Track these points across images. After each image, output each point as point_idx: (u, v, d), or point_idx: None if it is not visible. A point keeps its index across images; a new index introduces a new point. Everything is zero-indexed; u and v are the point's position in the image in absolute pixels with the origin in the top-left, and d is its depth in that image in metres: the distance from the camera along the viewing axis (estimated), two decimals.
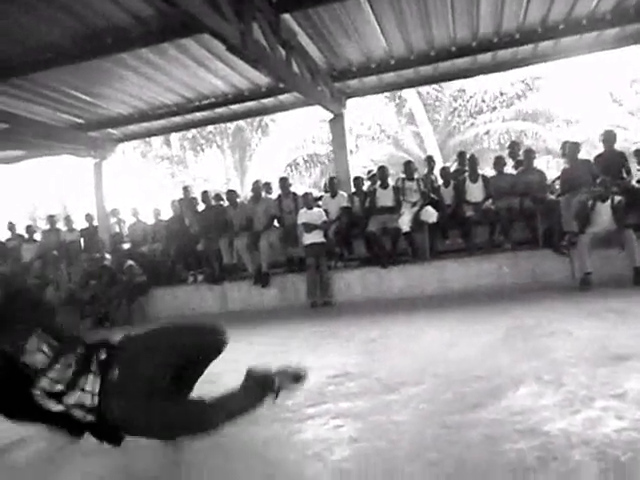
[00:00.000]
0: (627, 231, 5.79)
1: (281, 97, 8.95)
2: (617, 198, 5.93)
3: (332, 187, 7.98)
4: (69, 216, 10.29)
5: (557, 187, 7.17)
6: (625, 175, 6.70)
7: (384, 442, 2.25)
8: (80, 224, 10.14)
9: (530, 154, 7.32)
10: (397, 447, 2.19)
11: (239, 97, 8.88)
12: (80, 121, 9.42)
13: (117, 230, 10.14)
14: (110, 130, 10.06)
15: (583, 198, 6.10)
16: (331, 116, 9.04)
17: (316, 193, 9.87)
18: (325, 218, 7.42)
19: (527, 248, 6.82)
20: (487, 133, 16.89)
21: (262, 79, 7.90)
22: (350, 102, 9.42)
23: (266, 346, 4.74)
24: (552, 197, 6.78)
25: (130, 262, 8.01)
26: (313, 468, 2.09)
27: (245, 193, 15.24)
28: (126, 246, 9.33)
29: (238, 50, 5.44)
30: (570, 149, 6.95)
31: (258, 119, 17.96)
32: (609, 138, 6.97)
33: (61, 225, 10.22)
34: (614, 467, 1.78)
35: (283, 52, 6.55)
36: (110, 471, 2.32)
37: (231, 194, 8.60)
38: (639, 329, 3.74)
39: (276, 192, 8.48)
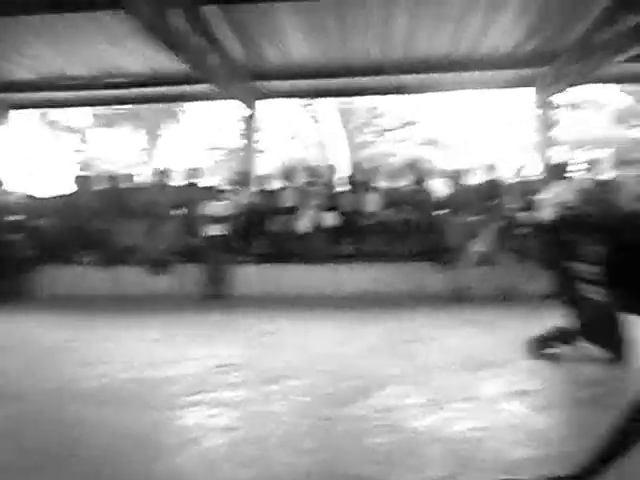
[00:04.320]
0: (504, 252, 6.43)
1: (197, 86, 8.79)
2: (498, 222, 6.59)
3: (239, 182, 8.04)
4: None
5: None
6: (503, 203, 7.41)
7: (259, 430, 2.37)
8: None
9: (425, 174, 7.87)
10: (271, 435, 2.31)
11: (152, 80, 8.64)
12: None
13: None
14: (4, 95, 9.34)
15: (469, 218, 6.68)
16: (245, 112, 9.06)
17: (224, 186, 9.83)
18: (229, 212, 7.46)
19: (415, 260, 7.24)
20: (393, 153, 17.73)
21: (178, 65, 7.75)
22: (265, 102, 9.51)
23: (158, 334, 4.70)
24: (440, 215, 7.32)
25: (14, 235, 7.48)
26: (187, 453, 2.15)
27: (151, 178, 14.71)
28: (14, 218, 8.66)
29: (155, 32, 5.34)
30: (460, 175, 7.63)
31: (173, 105, 17.47)
32: (490, 168, 7.66)
33: None
34: (460, 461, 2.03)
35: (202, 42, 6.50)
36: None
37: (133, 177, 8.34)
38: (502, 340, 4.19)
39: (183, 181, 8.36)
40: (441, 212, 7.48)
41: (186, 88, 8.96)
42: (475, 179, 8.33)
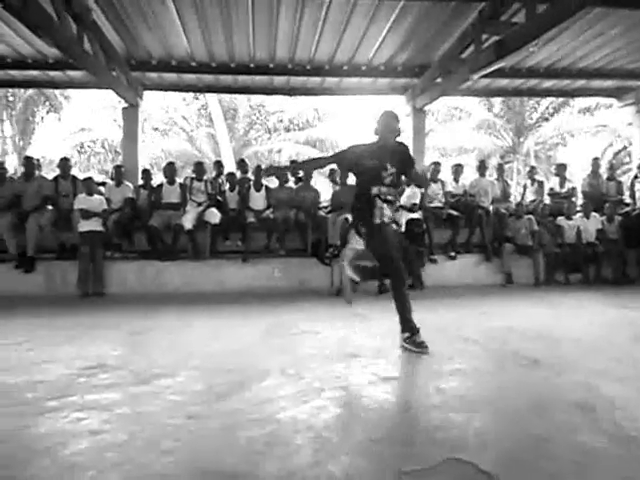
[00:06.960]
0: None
1: (71, 73, 8.29)
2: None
3: (118, 176, 7.76)
4: None
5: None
6: None
7: (124, 434, 2.28)
8: None
9: (309, 174, 8.10)
10: (136, 438, 2.24)
11: (20, 63, 8.00)
12: None
13: None
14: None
15: (347, 217, 7.02)
16: (126, 103, 8.70)
17: (103, 180, 9.41)
18: (105, 206, 7.19)
19: (297, 256, 7.52)
20: (279, 151, 17.96)
21: (49, 49, 7.25)
22: (148, 93, 9.21)
23: (23, 336, 4.38)
24: (322, 213, 7.62)
25: None
26: (49, 459, 2.03)
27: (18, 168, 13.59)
28: None
29: (16, 11, 4.95)
30: (340, 176, 7.94)
31: (48, 92, 16.27)
32: None
33: None
34: (326, 447, 2.12)
35: (74, 26, 6.16)
36: None
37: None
38: (373, 331, 4.47)
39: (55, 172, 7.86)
40: (325, 210, 7.80)
41: (59, 74, 8.40)
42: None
